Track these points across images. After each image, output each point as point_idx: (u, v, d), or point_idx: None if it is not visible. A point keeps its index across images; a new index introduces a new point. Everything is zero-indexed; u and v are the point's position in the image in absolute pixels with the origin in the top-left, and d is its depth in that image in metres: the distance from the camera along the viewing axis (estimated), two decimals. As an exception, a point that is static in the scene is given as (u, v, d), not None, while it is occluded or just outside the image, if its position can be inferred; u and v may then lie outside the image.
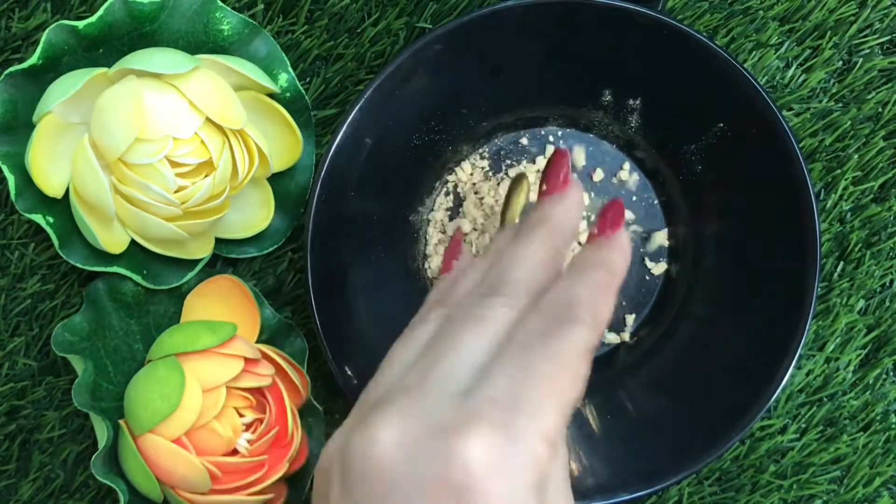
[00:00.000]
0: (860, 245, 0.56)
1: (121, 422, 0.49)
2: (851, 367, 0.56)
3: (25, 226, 0.53)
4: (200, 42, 0.50)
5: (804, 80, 0.56)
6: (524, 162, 0.54)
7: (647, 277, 0.54)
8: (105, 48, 0.49)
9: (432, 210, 0.54)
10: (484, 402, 0.33)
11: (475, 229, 0.54)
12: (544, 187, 0.42)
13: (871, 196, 0.56)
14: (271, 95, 0.51)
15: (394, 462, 0.33)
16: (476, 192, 0.54)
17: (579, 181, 0.44)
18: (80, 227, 0.49)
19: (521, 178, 0.46)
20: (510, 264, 0.39)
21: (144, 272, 0.51)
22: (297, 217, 0.53)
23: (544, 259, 0.39)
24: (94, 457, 0.48)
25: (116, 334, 0.52)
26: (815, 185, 0.51)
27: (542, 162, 0.54)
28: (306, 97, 0.52)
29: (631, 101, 0.52)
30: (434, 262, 0.54)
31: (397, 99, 0.50)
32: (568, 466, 0.37)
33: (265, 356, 0.50)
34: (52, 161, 0.48)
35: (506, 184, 0.54)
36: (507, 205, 0.45)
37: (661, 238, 0.54)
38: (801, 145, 0.53)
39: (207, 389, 0.47)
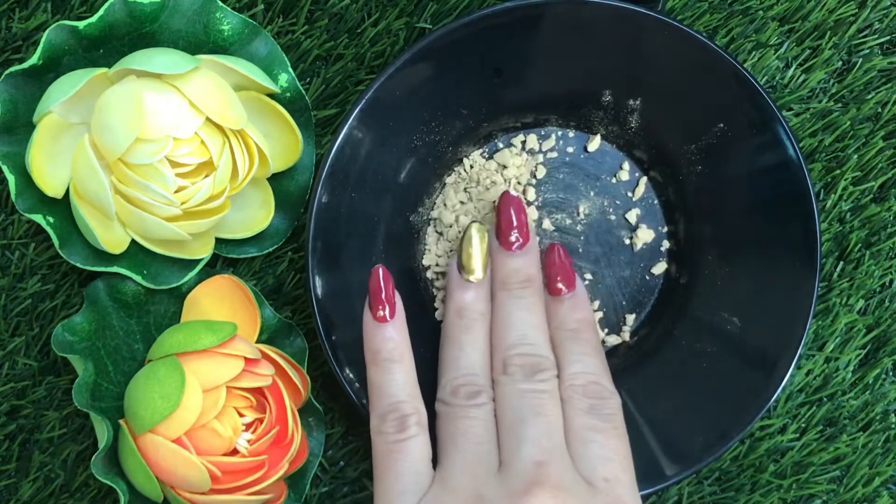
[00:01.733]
0: (860, 245, 0.56)
1: (121, 422, 0.49)
2: (851, 367, 0.56)
3: (26, 226, 0.53)
4: (200, 42, 0.50)
5: (804, 81, 0.56)
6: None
7: (647, 277, 0.54)
8: (105, 48, 0.49)
9: (432, 210, 0.54)
10: (602, 483, 0.43)
11: (453, 213, 0.53)
12: (514, 238, 0.48)
13: (871, 196, 0.56)
14: (271, 95, 0.51)
15: None
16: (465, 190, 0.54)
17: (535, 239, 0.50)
18: (81, 227, 0.49)
19: (479, 228, 0.49)
20: (531, 332, 0.47)
21: (144, 272, 0.51)
22: (297, 217, 0.53)
23: (544, 320, 0.47)
24: (94, 457, 0.48)
25: (116, 334, 0.52)
26: (815, 186, 0.51)
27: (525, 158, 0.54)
28: (306, 97, 0.52)
29: (631, 101, 0.52)
30: (434, 261, 0.54)
31: (397, 99, 0.50)
32: None
33: (265, 356, 0.50)
34: (53, 161, 0.48)
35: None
36: (468, 256, 0.49)
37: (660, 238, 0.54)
38: (800, 145, 0.53)
39: (207, 389, 0.47)
